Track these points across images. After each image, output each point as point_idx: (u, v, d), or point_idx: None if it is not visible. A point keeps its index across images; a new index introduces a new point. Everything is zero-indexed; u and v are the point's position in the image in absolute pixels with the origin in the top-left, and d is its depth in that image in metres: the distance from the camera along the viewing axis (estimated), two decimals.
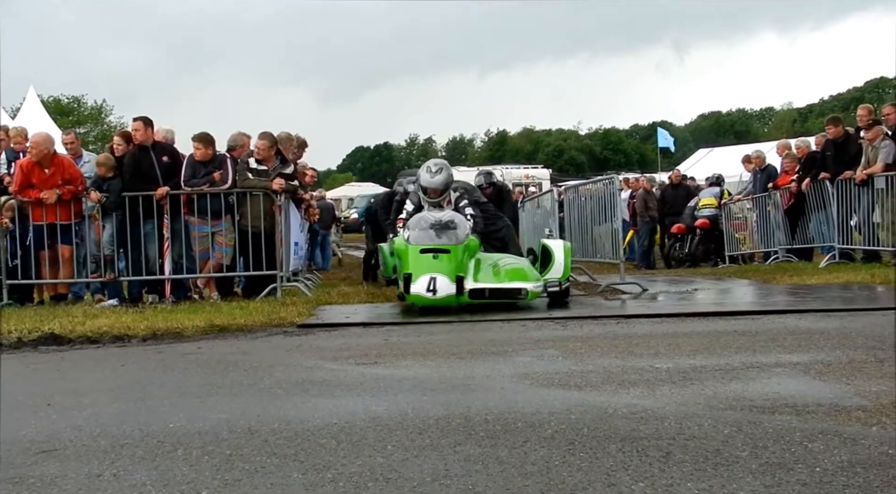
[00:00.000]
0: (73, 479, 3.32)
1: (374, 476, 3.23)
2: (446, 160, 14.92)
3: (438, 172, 10.63)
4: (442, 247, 9.16)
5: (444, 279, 8.71)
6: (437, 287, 8.64)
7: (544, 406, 4.30)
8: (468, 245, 9.40)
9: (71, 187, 10.47)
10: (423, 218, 9.84)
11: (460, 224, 9.65)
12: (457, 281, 8.73)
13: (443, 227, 9.43)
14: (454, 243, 9.25)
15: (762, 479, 3.05)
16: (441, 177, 10.59)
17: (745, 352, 5.72)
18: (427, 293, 8.64)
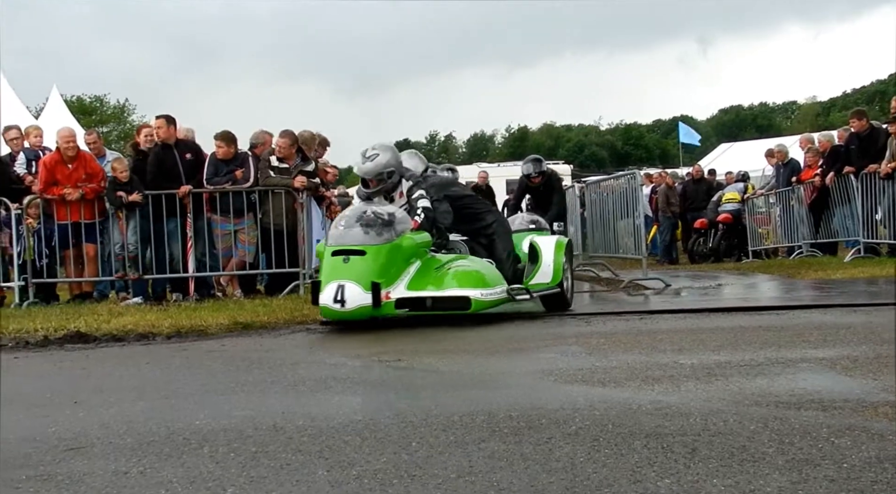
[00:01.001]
0: (100, 476, 3.35)
1: (398, 473, 3.23)
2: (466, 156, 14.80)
3: (373, 158, 8.34)
4: (354, 249, 7.63)
5: (354, 287, 7.32)
6: (346, 296, 7.30)
7: (568, 402, 4.29)
8: (398, 245, 7.76)
9: (94, 185, 10.54)
10: (354, 211, 8.26)
11: (394, 219, 7.90)
12: (372, 289, 7.37)
13: (367, 223, 7.82)
14: (372, 243, 7.66)
15: (789, 475, 3.03)
16: (372, 164, 8.32)
17: (771, 348, 5.69)
18: (334, 304, 7.31)
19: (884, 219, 12.57)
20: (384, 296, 7.44)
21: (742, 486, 2.94)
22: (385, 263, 7.59)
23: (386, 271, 7.56)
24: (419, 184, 8.50)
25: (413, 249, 7.91)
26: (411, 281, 7.70)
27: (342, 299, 7.26)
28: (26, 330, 7.76)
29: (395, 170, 8.38)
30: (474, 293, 7.59)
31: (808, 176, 14.80)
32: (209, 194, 10.58)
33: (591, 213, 15.25)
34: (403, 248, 7.80)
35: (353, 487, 3.11)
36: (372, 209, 8.02)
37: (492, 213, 9.35)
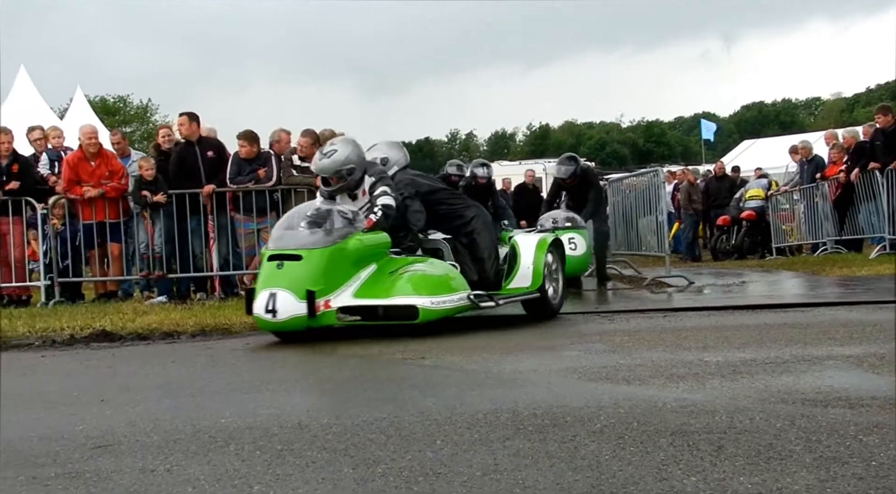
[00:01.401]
0: (127, 473, 3.37)
1: (423, 471, 3.23)
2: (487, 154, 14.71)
3: (330, 154, 7.58)
4: (289, 253, 7.00)
5: (286, 296, 6.71)
6: (278, 306, 6.70)
7: (593, 400, 4.28)
8: (341, 248, 7.01)
9: (115, 184, 10.61)
10: (299, 210, 7.67)
11: (336, 219, 7.20)
12: (307, 297, 6.72)
13: (315, 223, 7.21)
14: (311, 246, 6.99)
15: (816, 473, 3.01)
16: (329, 160, 7.54)
17: (796, 345, 5.65)
18: (266, 314, 6.76)
19: None
20: (323, 305, 6.79)
21: (769, 484, 2.92)
22: (325, 268, 6.92)
23: (326, 277, 6.88)
24: (383, 179, 7.68)
25: (362, 252, 7.14)
26: (361, 288, 7.00)
27: (274, 309, 6.70)
28: (53, 329, 7.83)
29: (355, 166, 7.57)
30: (423, 301, 6.88)
31: (832, 172, 14.69)
32: (232, 193, 10.62)
33: (614, 211, 15.19)
34: (348, 251, 7.05)
35: (379, 484, 3.12)
36: (318, 207, 7.50)
37: (471, 209, 8.33)
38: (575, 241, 10.79)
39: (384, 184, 7.60)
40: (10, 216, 10.62)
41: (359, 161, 7.65)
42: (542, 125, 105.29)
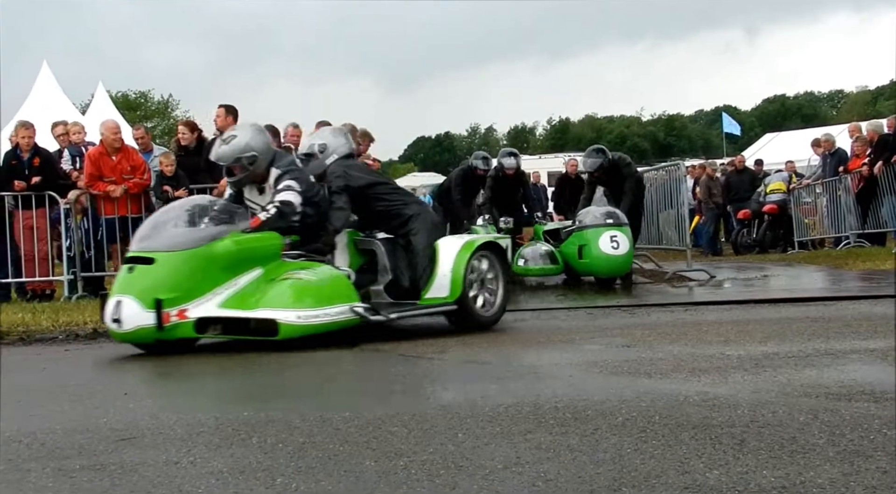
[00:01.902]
0: (151, 466, 3.39)
1: (445, 464, 3.24)
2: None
3: (229, 140, 6.91)
4: (142, 255, 6.29)
5: (132, 304, 6.01)
6: (122, 315, 6.04)
7: (614, 394, 4.28)
8: (205, 251, 6.26)
9: (137, 180, 10.67)
10: (177, 206, 7.07)
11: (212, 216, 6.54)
12: (156, 307, 5.98)
13: (183, 221, 6.56)
14: (169, 248, 6.26)
15: (840, 467, 2.99)
16: (227, 147, 6.86)
17: (819, 339, 5.62)
18: (112, 323, 6.16)
19: None
20: (176, 315, 6.05)
21: (792, 477, 2.91)
22: (183, 273, 6.19)
23: (183, 283, 6.14)
24: (290, 172, 6.83)
25: (237, 255, 6.36)
26: (234, 297, 6.24)
27: (119, 318, 6.06)
28: (76, 323, 7.89)
29: (257, 154, 6.78)
30: (287, 315, 6.09)
31: (855, 165, 14.59)
32: None
33: None
34: (217, 254, 6.27)
35: (401, 477, 3.12)
36: (196, 202, 6.91)
37: (411, 207, 7.29)
38: (617, 239, 10.03)
39: (291, 177, 6.77)
40: (34, 210, 10.69)
41: (262, 148, 6.89)
42: (561, 119, 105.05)
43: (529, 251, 10.86)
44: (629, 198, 11.10)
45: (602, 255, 10.01)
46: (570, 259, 10.43)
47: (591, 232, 10.20)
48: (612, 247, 9.92)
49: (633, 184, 11.41)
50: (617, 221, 10.29)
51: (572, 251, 10.36)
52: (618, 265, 10.17)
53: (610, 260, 10.03)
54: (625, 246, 10.06)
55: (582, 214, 10.76)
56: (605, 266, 10.15)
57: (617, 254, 9.97)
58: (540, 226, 12.05)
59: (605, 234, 9.98)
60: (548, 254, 10.65)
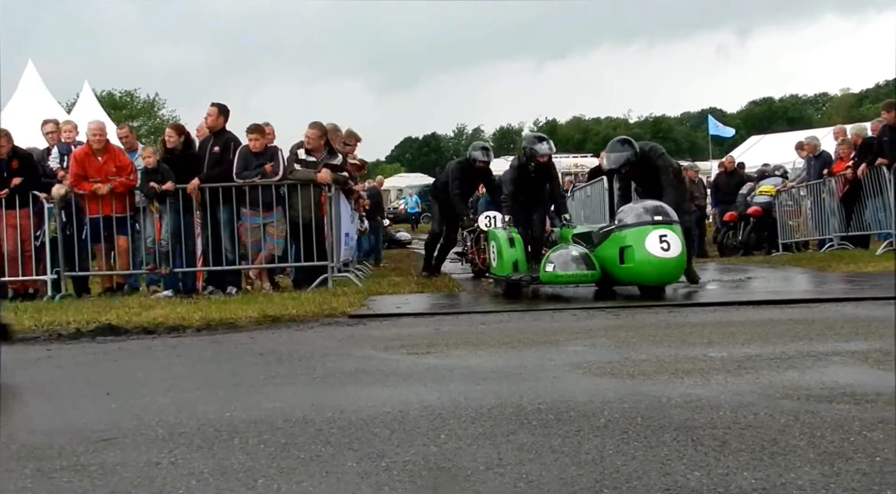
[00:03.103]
0: (132, 467, 3.38)
1: (427, 465, 3.24)
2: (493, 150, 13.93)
3: None
4: None
5: None
6: None
7: (597, 395, 4.28)
8: None
9: (123, 180, 10.63)
10: None
11: None
12: None
13: None
14: None
15: (820, 468, 3.01)
16: None
17: (801, 341, 5.64)
18: None
19: None
20: None
21: (773, 479, 2.92)
22: None
23: None
24: None
25: None
26: None
27: None
28: (59, 323, 7.85)
29: None
30: None
31: (839, 168, 14.64)
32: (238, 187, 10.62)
33: None
34: None
35: (383, 478, 3.12)
36: None
37: None
38: (667, 239, 8.56)
39: None
40: (18, 209, 10.63)
41: None
42: (549, 120, 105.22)
43: (558, 254, 9.20)
44: (671, 193, 9.55)
45: (650, 258, 8.54)
46: (609, 264, 8.89)
47: (634, 231, 8.77)
48: (662, 248, 8.51)
49: (671, 175, 9.82)
50: (666, 218, 8.87)
51: (612, 254, 8.85)
52: (669, 270, 8.64)
53: (660, 265, 8.54)
54: (676, 246, 8.59)
55: (622, 212, 9.35)
56: (654, 271, 8.61)
57: (668, 257, 8.52)
58: (569, 229, 10.43)
59: (653, 234, 8.60)
60: (581, 258, 9.03)
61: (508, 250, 9.68)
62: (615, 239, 8.91)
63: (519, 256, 9.70)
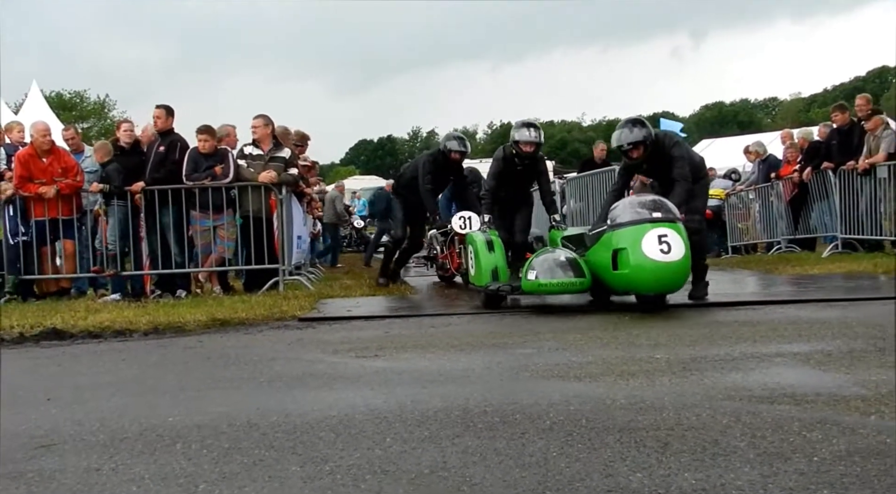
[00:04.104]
0: (71, 473, 3.33)
1: (371, 469, 3.23)
2: None
3: None
4: None
5: None
6: None
7: (543, 397, 4.30)
8: None
9: (70, 181, 10.47)
10: None
11: None
12: None
13: None
14: None
15: (760, 469, 3.04)
16: None
17: (746, 343, 5.71)
18: None
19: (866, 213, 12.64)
20: None
21: (713, 480, 2.95)
22: None
23: None
24: None
25: None
26: None
27: None
28: (1, 328, 7.71)
29: None
30: None
31: (787, 171, 14.86)
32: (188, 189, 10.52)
33: (571, 210, 15.31)
34: None
35: (326, 483, 3.11)
36: None
37: None
38: (668, 240, 7.39)
39: None
40: None
41: None
42: (503, 123, 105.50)
43: (542, 260, 8.09)
44: (682, 188, 8.20)
45: (647, 263, 7.38)
46: (601, 270, 7.84)
47: (629, 231, 7.60)
48: (662, 250, 7.35)
49: (687, 168, 8.36)
50: (667, 214, 7.64)
51: (603, 259, 7.75)
52: (670, 275, 7.44)
53: (658, 270, 7.36)
54: (679, 248, 7.41)
55: (616, 209, 8.05)
56: (652, 278, 7.45)
57: (668, 261, 7.35)
58: (558, 231, 9.45)
59: (651, 233, 7.42)
60: (568, 263, 7.95)
61: (487, 255, 8.71)
62: (607, 240, 7.82)
63: (499, 262, 8.70)
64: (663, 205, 7.76)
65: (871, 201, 12.36)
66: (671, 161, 8.31)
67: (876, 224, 12.35)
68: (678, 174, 8.25)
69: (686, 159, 8.43)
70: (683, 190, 8.17)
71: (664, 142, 8.45)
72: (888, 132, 12.33)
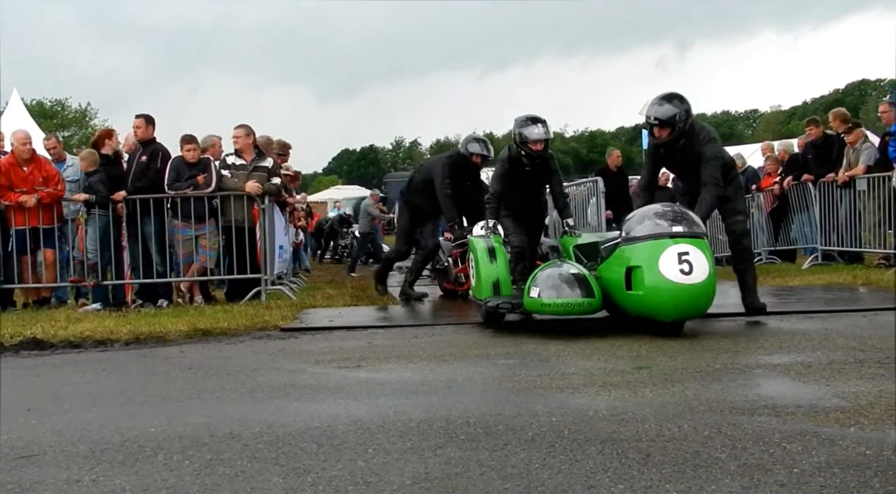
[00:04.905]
0: (51, 485, 3.31)
1: (354, 480, 3.23)
2: None
3: None
4: None
5: None
6: None
7: (526, 408, 4.31)
8: None
9: (51, 190, 10.42)
10: None
11: None
12: None
13: None
14: None
15: (740, 480, 3.06)
16: None
17: (726, 354, 5.74)
18: None
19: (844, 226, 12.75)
20: None
21: (694, 491, 2.97)
22: None
23: None
24: None
25: None
26: None
27: None
28: None
29: None
30: None
31: (767, 183, 14.97)
32: (171, 199, 10.49)
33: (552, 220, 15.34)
34: None
35: (308, 493, 3.11)
36: None
37: None
38: (689, 259, 6.44)
39: None
40: None
41: None
42: (485, 134, 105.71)
43: (547, 275, 7.13)
44: (712, 195, 7.30)
45: (664, 284, 6.44)
46: (613, 289, 6.94)
47: (644, 246, 6.66)
48: (682, 270, 6.42)
49: (718, 171, 7.40)
50: (690, 229, 6.68)
51: (616, 277, 6.85)
52: (691, 299, 6.49)
53: (677, 293, 6.40)
54: (703, 268, 6.47)
55: (630, 221, 7.06)
56: (670, 301, 6.47)
57: (690, 283, 6.41)
58: (571, 238, 8.39)
59: (671, 250, 6.49)
60: (576, 280, 7.01)
61: (488, 266, 7.86)
62: (620, 256, 6.93)
63: (501, 274, 7.83)
64: (685, 217, 6.82)
65: (850, 213, 12.46)
66: (701, 160, 7.34)
67: (855, 236, 12.45)
68: (709, 177, 7.28)
69: (720, 160, 7.49)
70: (712, 197, 7.30)
71: (699, 136, 7.41)
72: (867, 145, 12.45)
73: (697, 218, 6.91)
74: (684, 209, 7.11)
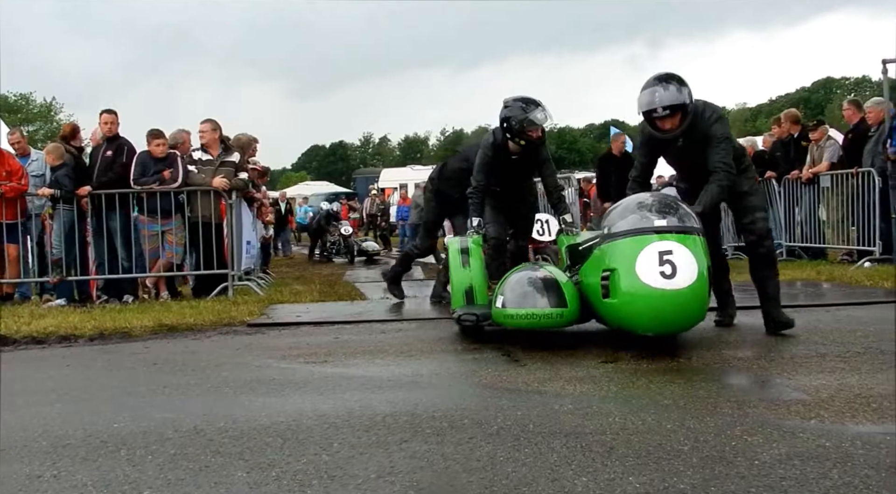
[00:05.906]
0: (13, 480, 3.28)
1: (318, 474, 3.23)
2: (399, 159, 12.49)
3: None
4: None
5: None
6: None
7: (492, 403, 4.32)
8: None
9: (14, 185, 10.30)
10: None
11: None
12: None
13: None
14: None
15: (702, 472, 3.09)
16: None
17: (691, 349, 5.78)
18: None
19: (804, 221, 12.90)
20: None
21: (656, 483, 3.00)
22: None
23: None
24: None
25: None
26: None
27: None
28: None
29: None
30: None
31: None
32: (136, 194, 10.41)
33: None
34: None
35: (272, 488, 3.10)
36: None
37: None
38: (672, 259, 5.24)
39: None
40: None
41: None
42: (455, 130, 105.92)
43: (516, 281, 6.08)
44: (721, 184, 6.08)
45: (641, 290, 5.27)
46: (591, 295, 5.81)
47: (623, 244, 5.48)
48: (663, 272, 5.23)
49: (731, 154, 6.16)
50: (681, 223, 5.49)
51: (593, 282, 5.72)
52: (675, 309, 5.29)
53: (656, 300, 5.23)
54: (689, 270, 5.25)
55: (612, 213, 5.92)
56: (647, 312, 5.32)
57: (671, 289, 5.22)
58: (566, 237, 7.28)
59: (650, 249, 5.31)
60: (545, 286, 5.90)
61: (460, 271, 6.81)
62: (599, 256, 5.76)
63: (475, 280, 6.76)
64: (674, 207, 5.62)
65: (812, 209, 12.62)
66: (710, 142, 6.08)
67: (818, 232, 12.61)
68: (719, 162, 6.04)
69: (731, 142, 6.25)
70: (721, 187, 6.06)
71: (704, 114, 6.13)
72: (831, 142, 12.62)
73: (692, 209, 5.71)
74: (677, 199, 6.05)
